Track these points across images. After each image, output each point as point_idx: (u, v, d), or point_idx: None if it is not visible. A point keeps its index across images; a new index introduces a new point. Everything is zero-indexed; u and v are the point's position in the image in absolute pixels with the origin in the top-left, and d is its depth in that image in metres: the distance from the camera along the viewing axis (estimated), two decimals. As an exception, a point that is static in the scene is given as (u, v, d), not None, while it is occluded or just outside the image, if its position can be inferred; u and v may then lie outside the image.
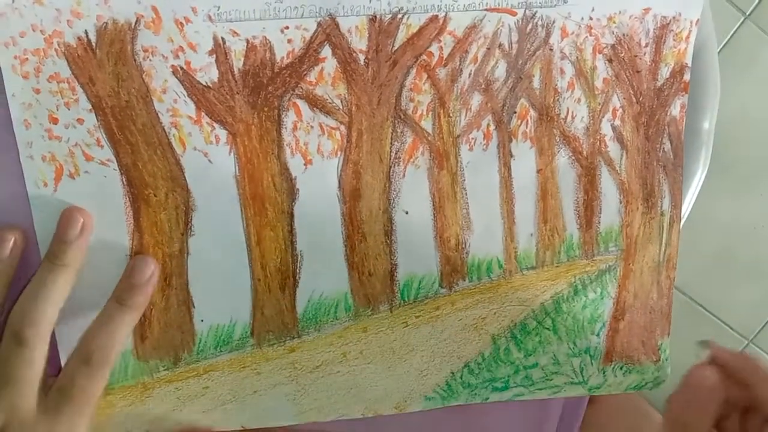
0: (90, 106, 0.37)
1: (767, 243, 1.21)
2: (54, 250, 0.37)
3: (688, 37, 0.43)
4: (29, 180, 0.38)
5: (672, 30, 0.42)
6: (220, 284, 0.41)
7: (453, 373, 0.46)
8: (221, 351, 0.42)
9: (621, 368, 0.47)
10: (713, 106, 0.46)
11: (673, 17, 0.42)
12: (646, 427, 0.59)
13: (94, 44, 0.36)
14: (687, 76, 0.44)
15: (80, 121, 0.37)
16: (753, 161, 1.15)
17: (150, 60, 0.37)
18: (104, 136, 0.38)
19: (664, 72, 0.43)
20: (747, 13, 0.99)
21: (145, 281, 0.39)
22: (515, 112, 0.42)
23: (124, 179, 0.39)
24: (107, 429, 0.42)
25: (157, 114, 0.38)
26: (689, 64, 0.43)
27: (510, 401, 0.47)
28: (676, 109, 0.44)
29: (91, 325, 0.38)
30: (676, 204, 0.46)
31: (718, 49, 0.45)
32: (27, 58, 0.36)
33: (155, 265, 0.39)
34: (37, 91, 0.37)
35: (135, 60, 0.37)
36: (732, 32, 1.01)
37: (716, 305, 1.21)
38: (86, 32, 0.36)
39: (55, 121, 0.37)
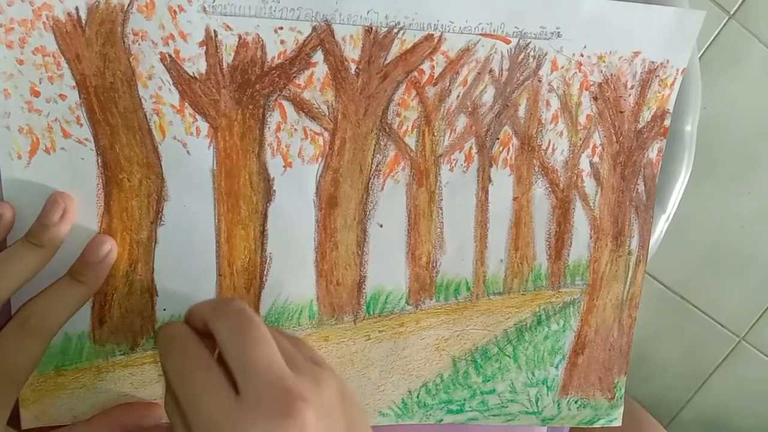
0: (74, 83, 0.36)
1: (756, 241, 1.20)
2: (32, 229, 0.37)
3: (673, 84, 0.44)
4: (2, 151, 0.37)
5: (658, 75, 0.43)
6: (185, 276, 0.40)
7: (410, 391, 0.45)
8: None
9: (576, 402, 0.48)
10: (695, 109, 0.47)
11: (661, 63, 0.43)
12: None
13: (83, 22, 0.36)
14: (667, 122, 0.44)
15: (62, 96, 0.37)
16: (740, 159, 1.14)
17: (139, 44, 0.37)
18: (85, 114, 0.37)
19: (646, 115, 0.44)
20: (731, 13, 1.00)
21: (99, 259, 0.38)
22: (498, 138, 0.43)
23: (99, 160, 0.38)
24: (54, 412, 0.41)
25: (140, 99, 0.37)
26: (671, 110, 0.44)
27: (463, 425, 0.47)
28: (653, 153, 0.45)
29: (38, 293, 0.37)
30: (644, 245, 0.46)
31: (703, 49, 0.46)
32: (13, 27, 0.35)
33: (112, 244, 0.38)
34: (21, 62, 0.36)
35: (124, 42, 0.36)
36: (717, 32, 1.01)
37: (707, 303, 1.20)
38: (77, 9, 0.36)
39: (36, 93, 0.36)
